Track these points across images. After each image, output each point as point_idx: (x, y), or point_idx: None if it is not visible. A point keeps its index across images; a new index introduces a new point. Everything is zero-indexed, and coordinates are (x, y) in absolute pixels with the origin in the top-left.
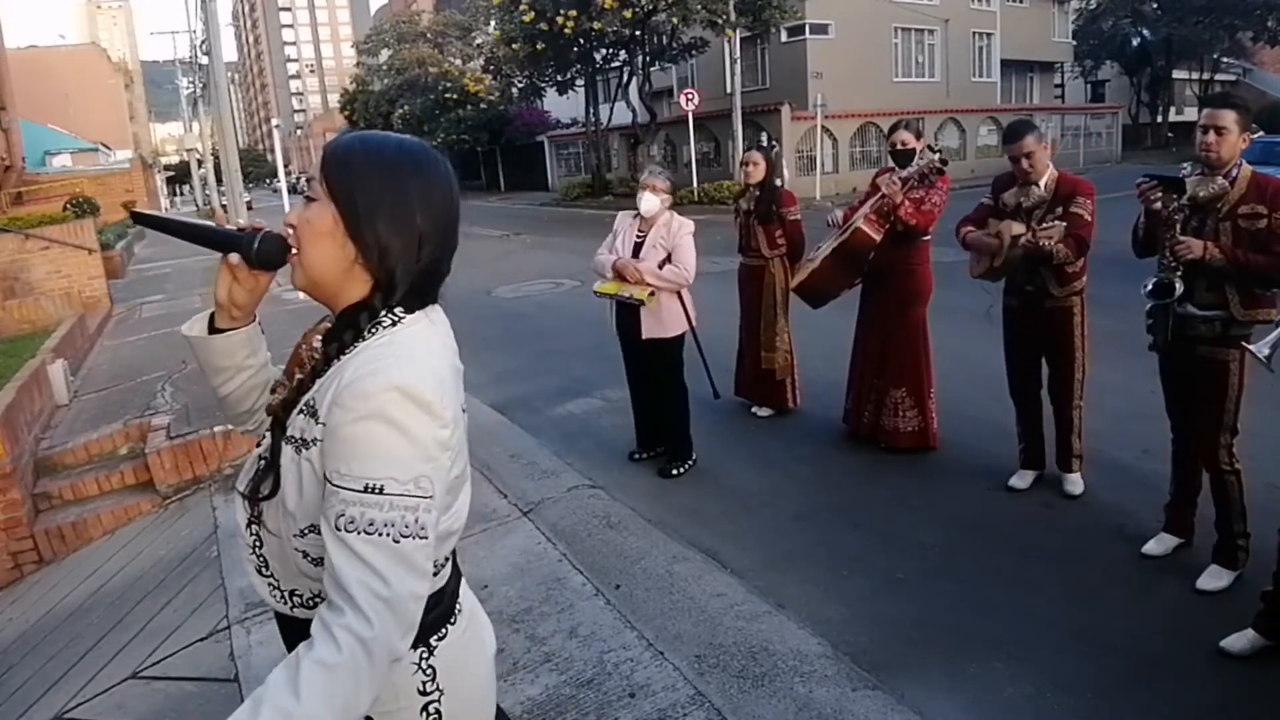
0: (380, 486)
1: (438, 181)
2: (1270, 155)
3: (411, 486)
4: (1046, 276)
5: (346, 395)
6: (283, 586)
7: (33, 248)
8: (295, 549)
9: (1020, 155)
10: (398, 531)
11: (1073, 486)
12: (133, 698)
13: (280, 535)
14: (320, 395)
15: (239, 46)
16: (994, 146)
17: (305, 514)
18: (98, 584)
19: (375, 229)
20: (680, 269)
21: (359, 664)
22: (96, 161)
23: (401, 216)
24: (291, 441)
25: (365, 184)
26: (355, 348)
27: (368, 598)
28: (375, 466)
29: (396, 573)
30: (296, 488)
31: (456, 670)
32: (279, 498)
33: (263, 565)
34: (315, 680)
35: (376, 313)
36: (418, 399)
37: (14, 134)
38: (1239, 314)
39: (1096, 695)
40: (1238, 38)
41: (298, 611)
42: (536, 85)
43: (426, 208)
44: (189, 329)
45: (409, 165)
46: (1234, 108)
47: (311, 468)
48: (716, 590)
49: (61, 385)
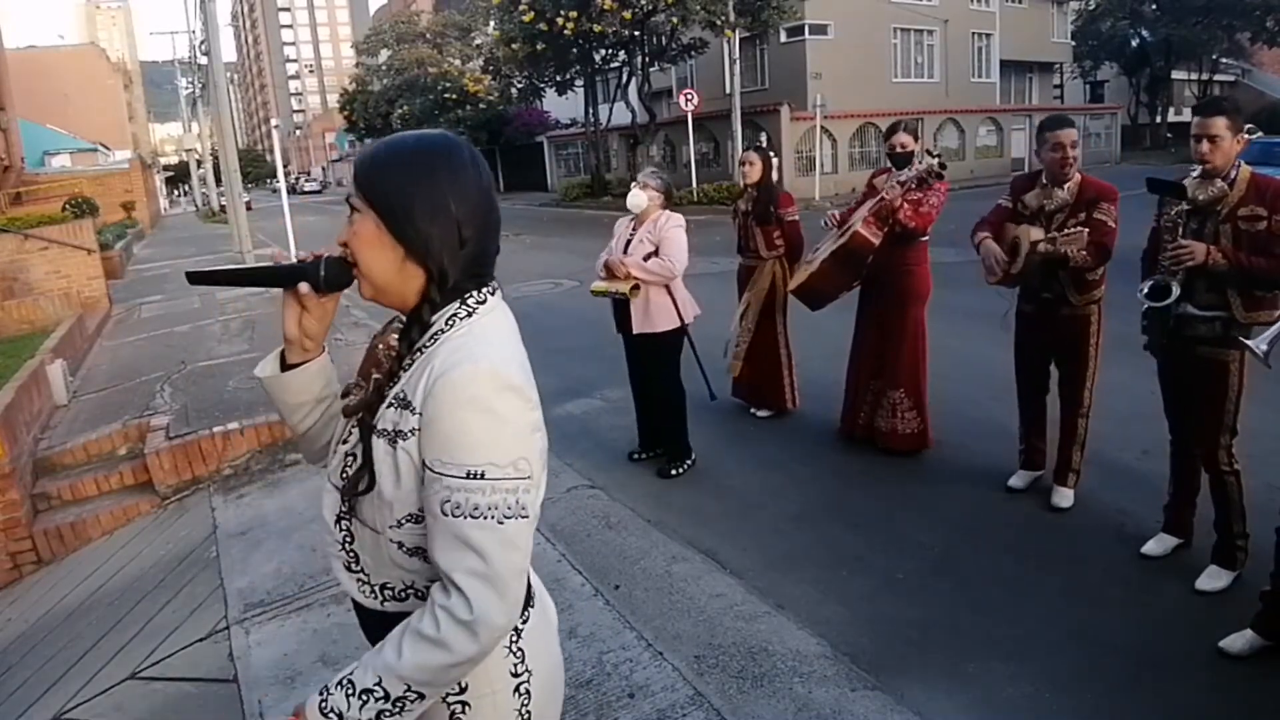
0: (481, 472)
1: (463, 165)
2: (1270, 156)
3: (511, 469)
4: (1065, 284)
5: (439, 386)
6: (373, 581)
7: (32, 248)
8: (391, 540)
9: (1066, 143)
10: (501, 514)
11: (1061, 499)
12: (131, 698)
13: (375, 527)
14: (410, 387)
15: (238, 47)
16: (993, 147)
17: (402, 504)
18: (96, 584)
19: (414, 224)
20: (666, 261)
21: (457, 643)
22: (95, 162)
23: (436, 206)
24: (384, 435)
25: (395, 184)
26: (437, 340)
27: (470, 580)
28: (475, 453)
29: (500, 552)
30: (393, 479)
31: (540, 650)
32: (375, 490)
33: (352, 560)
34: (416, 646)
35: (436, 304)
36: (508, 384)
37: (13, 134)
38: (1241, 316)
39: (1096, 695)
40: (1236, 38)
41: (388, 605)
42: (536, 85)
43: (458, 193)
44: (262, 371)
45: (431, 156)
46: (1224, 113)
47: (409, 458)
48: (716, 591)
49: (60, 385)
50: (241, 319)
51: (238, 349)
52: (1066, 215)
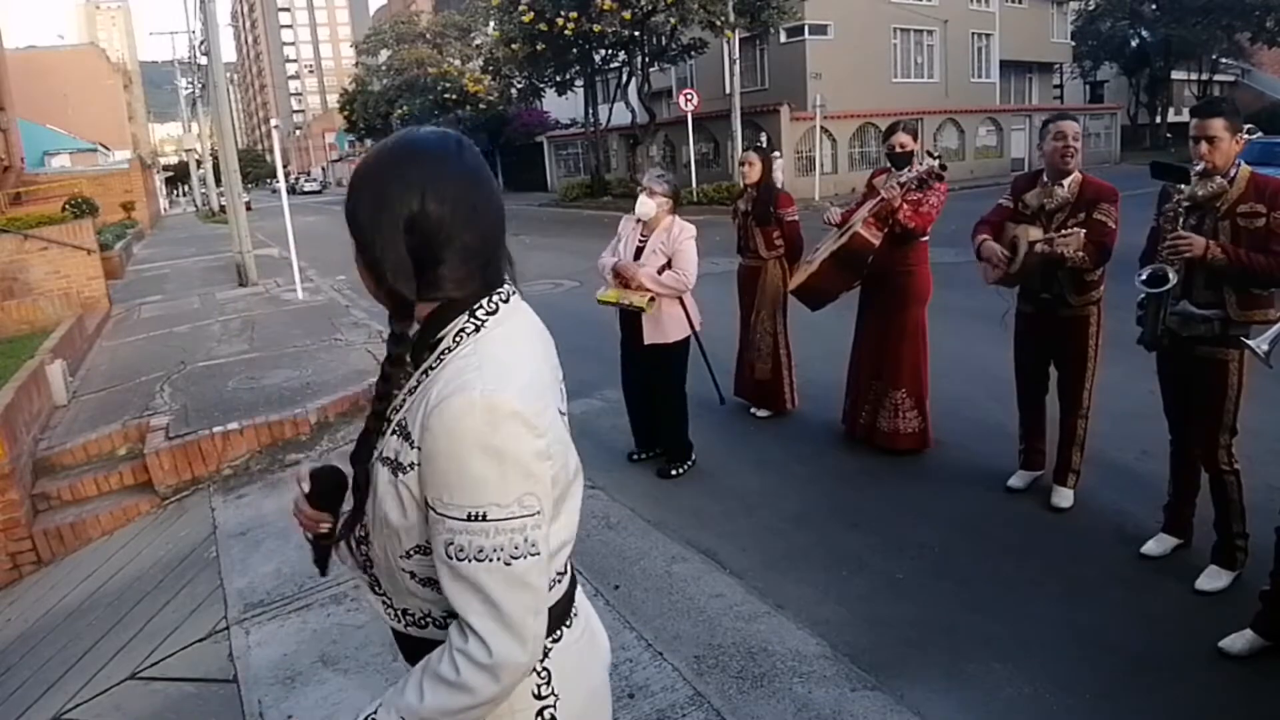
0: (483, 514)
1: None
2: (1270, 156)
3: (515, 508)
4: (1064, 284)
5: (434, 420)
6: (395, 605)
7: (31, 248)
8: (402, 570)
9: (1068, 132)
10: (508, 555)
11: (1061, 499)
12: (131, 698)
13: (387, 556)
14: (411, 415)
15: (238, 47)
16: (993, 147)
17: (410, 535)
18: (96, 585)
19: (374, 245)
20: (680, 275)
21: (478, 685)
22: (95, 162)
23: (386, 210)
24: (387, 463)
25: (357, 206)
26: (443, 361)
27: (484, 623)
28: (475, 494)
29: (510, 594)
30: (399, 509)
31: (572, 675)
32: (380, 518)
33: (374, 584)
34: (436, 690)
35: (397, 336)
36: (506, 412)
37: (13, 134)
38: (1235, 314)
39: (1095, 695)
40: (1236, 39)
41: (411, 630)
42: (536, 86)
43: (416, 191)
44: None
45: (391, 165)
46: (1221, 114)
47: (410, 493)
48: (715, 591)
49: (60, 386)
50: (241, 319)
51: (237, 349)
52: (1067, 215)
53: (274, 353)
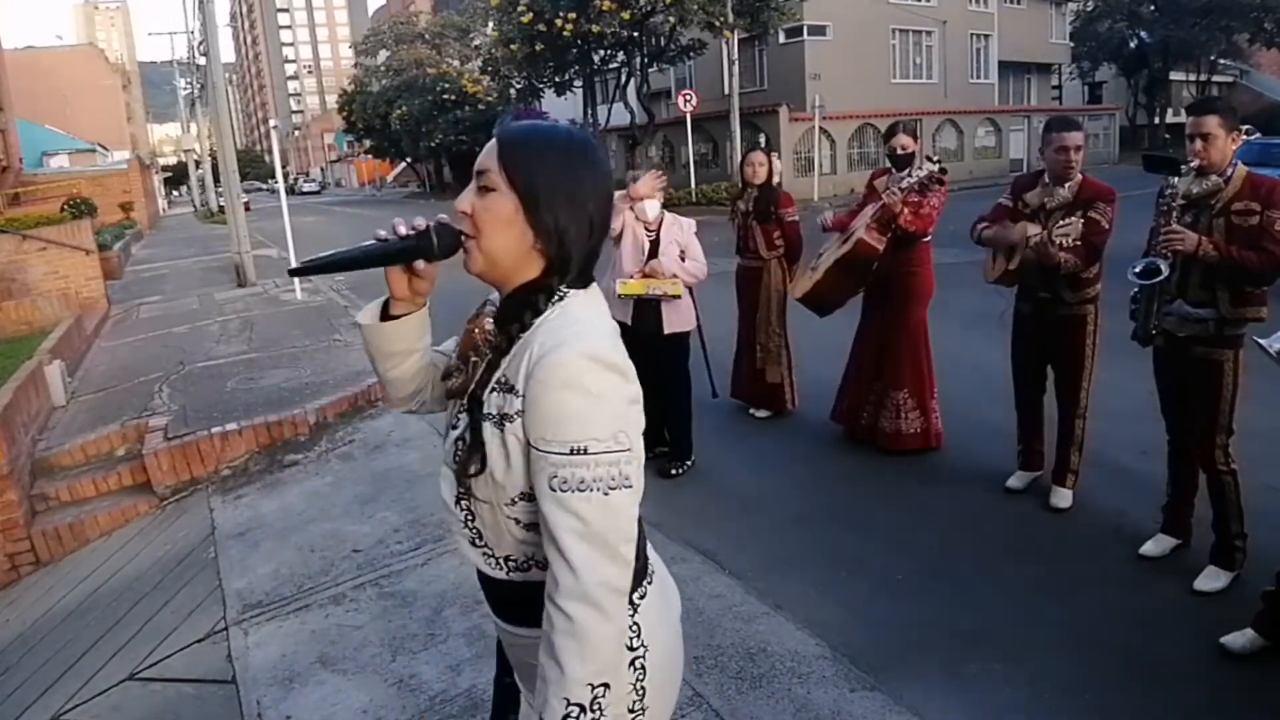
0: (584, 448)
1: (603, 168)
2: (1269, 157)
3: (611, 443)
4: (1060, 282)
5: (540, 368)
6: (498, 554)
7: (30, 248)
8: (507, 516)
9: (1070, 146)
10: (606, 485)
11: (1060, 500)
12: (130, 699)
13: (492, 504)
14: (512, 371)
15: (237, 47)
16: (991, 148)
17: (514, 484)
18: (95, 585)
19: (556, 215)
20: (699, 263)
21: (582, 617)
22: (94, 162)
23: (578, 203)
24: (490, 418)
25: (545, 173)
26: (535, 324)
27: (583, 549)
28: (577, 430)
29: (608, 521)
30: (503, 460)
31: (657, 627)
32: (487, 471)
33: (476, 537)
34: (558, 649)
35: (553, 292)
36: (605, 362)
37: (11, 134)
38: (1227, 312)
39: (1094, 696)
40: (1234, 40)
41: (514, 575)
42: (534, 86)
43: (596, 194)
44: (364, 318)
45: (581, 154)
46: (1216, 112)
47: (516, 440)
48: (715, 591)
49: (59, 386)
50: (240, 319)
51: (236, 350)
52: (1065, 214)
53: (272, 353)
